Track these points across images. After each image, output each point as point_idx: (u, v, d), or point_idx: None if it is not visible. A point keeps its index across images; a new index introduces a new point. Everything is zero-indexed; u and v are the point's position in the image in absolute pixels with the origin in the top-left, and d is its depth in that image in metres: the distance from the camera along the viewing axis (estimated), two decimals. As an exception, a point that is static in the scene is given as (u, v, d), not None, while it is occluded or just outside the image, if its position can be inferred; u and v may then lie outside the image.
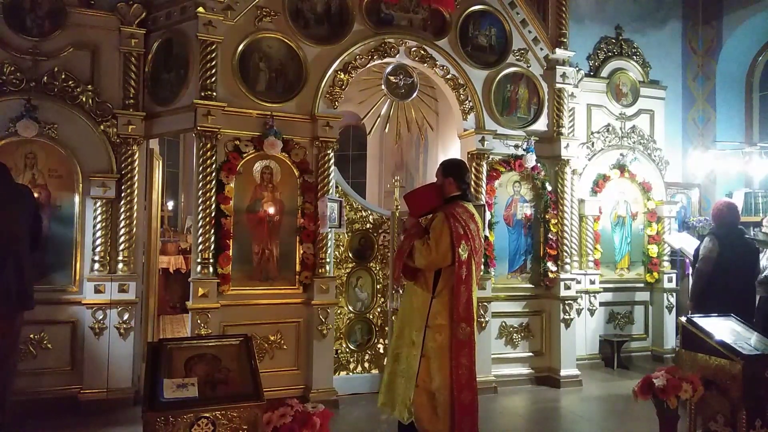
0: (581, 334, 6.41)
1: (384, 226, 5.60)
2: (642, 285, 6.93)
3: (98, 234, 4.89)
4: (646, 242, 6.94)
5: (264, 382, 2.71)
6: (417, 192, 4.06)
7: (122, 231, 4.93)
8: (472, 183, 5.60)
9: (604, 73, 6.96)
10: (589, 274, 6.56)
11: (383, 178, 9.09)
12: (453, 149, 6.14)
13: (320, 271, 5.06)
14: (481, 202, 5.46)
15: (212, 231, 4.76)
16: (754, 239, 5.32)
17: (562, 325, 5.85)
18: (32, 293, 3.98)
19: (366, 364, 5.50)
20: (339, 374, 5.31)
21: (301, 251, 5.08)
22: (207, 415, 2.41)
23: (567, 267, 5.93)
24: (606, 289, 6.70)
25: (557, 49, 5.95)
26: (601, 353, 6.66)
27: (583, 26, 6.97)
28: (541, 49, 5.99)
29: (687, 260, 6.80)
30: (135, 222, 4.99)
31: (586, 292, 6.53)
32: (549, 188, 5.95)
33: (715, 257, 5.07)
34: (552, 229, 5.93)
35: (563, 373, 5.80)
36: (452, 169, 3.93)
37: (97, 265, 4.89)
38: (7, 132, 4.68)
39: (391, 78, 5.50)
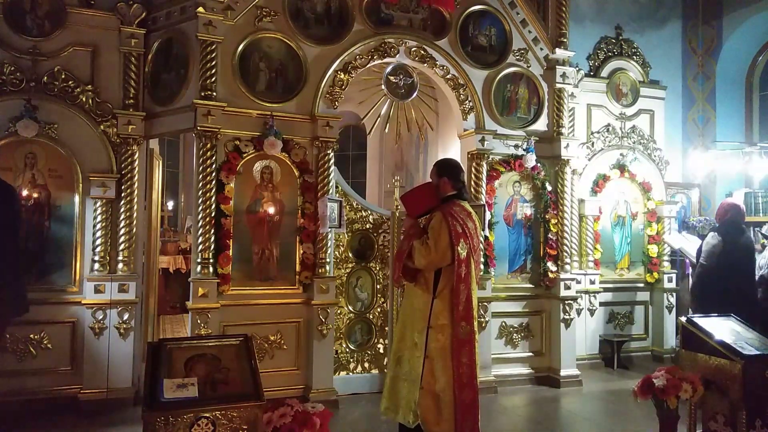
0: (581, 334, 6.41)
1: (384, 226, 5.60)
2: (642, 285, 6.93)
3: (98, 234, 4.89)
4: (646, 242, 6.94)
5: (264, 382, 2.71)
6: (413, 192, 4.05)
7: (122, 231, 4.93)
8: (473, 183, 5.62)
9: (604, 73, 6.96)
10: (589, 274, 6.56)
11: (383, 178, 9.08)
12: (453, 149, 6.14)
13: (320, 271, 5.06)
14: (481, 202, 5.46)
15: (212, 231, 4.76)
16: (763, 233, 5.33)
17: (562, 325, 5.85)
18: (21, 299, 3.99)
19: (366, 364, 5.50)
20: (339, 374, 5.31)
21: (301, 251, 5.08)
22: (207, 415, 2.41)
23: (567, 267, 5.93)
24: (606, 289, 6.70)
25: (557, 49, 5.95)
26: (601, 353, 6.66)
27: (583, 26, 6.97)
28: (541, 49, 5.99)
29: (687, 260, 6.80)
30: (135, 222, 4.99)
31: (586, 292, 6.54)
32: (549, 188, 5.95)
33: (718, 253, 5.06)
34: (552, 229, 5.93)
35: (563, 373, 5.80)
36: (446, 168, 3.93)
37: (97, 265, 4.89)
38: (7, 132, 4.68)
39: (391, 78, 5.50)
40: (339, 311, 5.36)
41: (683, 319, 3.97)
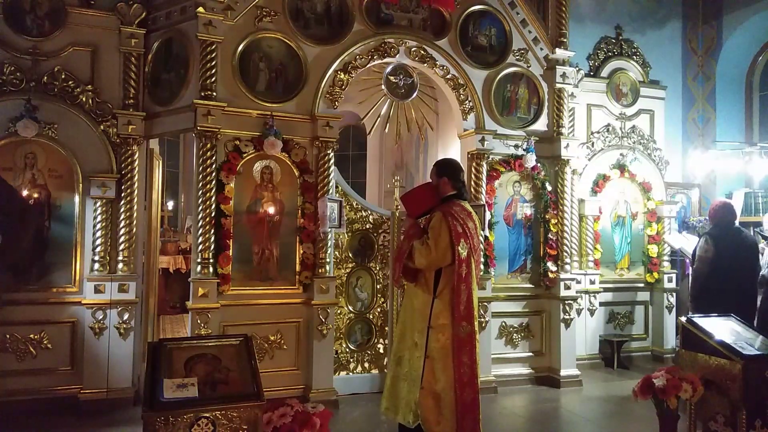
0: (581, 334, 6.41)
1: (384, 226, 5.60)
2: (642, 285, 6.93)
3: (98, 234, 4.89)
4: (646, 242, 6.94)
5: (264, 382, 2.71)
6: (413, 193, 4.05)
7: (122, 231, 4.93)
8: (473, 183, 5.62)
9: (604, 73, 6.96)
10: (589, 274, 6.55)
11: (383, 178, 9.08)
12: (453, 149, 6.14)
13: (320, 271, 5.06)
14: (482, 202, 5.46)
15: (212, 231, 4.76)
16: (761, 234, 5.31)
17: (562, 325, 5.85)
18: None
19: (366, 364, 5.50)
20: (339, 374, 5.31)
21: (301, 251, 5.08)
22: (207, 415, 2.41)
23: (567, 267, 5.93)
24: (606, 289, 6.70)
25: (557, 49, 5.95)
26: (601, 353, 6.66)
27: (583, 26, 6.97)
28: (541, 49, 5.99)
29: (687, 260, 6.80)
30: (135, 222, 4.99)
31: (586, 292, 6.53)
32: (549, 188, 5.95)
33: (710, 257, 5.06)
34: (552, 229, 5.93)
35: (563, 373, 5.80)
36: (446, 168, 3.93)
37: (97, 265, 4.89)
38: (7, 132, 4.68)
39: (391, 78, 5.50)
40: (339, 311, 5.36)
41: (683, 319, 3.97)
